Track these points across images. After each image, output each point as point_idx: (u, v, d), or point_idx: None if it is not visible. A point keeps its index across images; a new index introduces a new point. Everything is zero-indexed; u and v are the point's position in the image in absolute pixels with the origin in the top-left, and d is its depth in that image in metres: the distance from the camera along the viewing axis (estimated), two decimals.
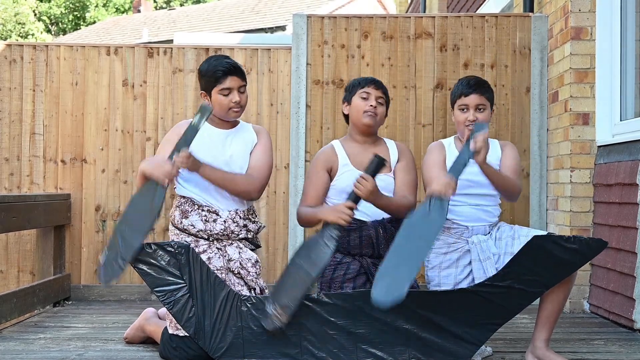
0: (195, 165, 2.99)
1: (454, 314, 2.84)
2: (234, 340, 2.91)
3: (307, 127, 4.66)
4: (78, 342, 3.44)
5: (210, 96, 3.13)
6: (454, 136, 3.30)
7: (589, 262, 3.42)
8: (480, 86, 3.17)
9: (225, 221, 3.08)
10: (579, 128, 4.15)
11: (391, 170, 3.19)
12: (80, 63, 4.77)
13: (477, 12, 6.95)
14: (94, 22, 25.47)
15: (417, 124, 4.66)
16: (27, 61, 4.75)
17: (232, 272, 3.07)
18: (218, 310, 2.92)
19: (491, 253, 3.04)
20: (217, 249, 3.08)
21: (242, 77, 3.15)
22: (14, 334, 3.61)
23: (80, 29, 24.98)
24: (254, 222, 3.18)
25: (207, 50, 4.76)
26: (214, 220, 3.07)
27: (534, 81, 4.61)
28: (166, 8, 26.00)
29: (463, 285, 3.07)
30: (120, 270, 2.87)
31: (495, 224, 3.16)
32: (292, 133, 4.66)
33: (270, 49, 4.81)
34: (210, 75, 3.11)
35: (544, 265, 2.78)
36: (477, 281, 3.02)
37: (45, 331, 3.69)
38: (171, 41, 11.38)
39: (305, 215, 3.13)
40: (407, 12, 13.86)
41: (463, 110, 3.15)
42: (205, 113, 3.03)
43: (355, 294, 2.89)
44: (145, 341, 3.34)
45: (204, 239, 3.08)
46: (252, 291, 3.08)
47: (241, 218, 3.12)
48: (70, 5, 26.48)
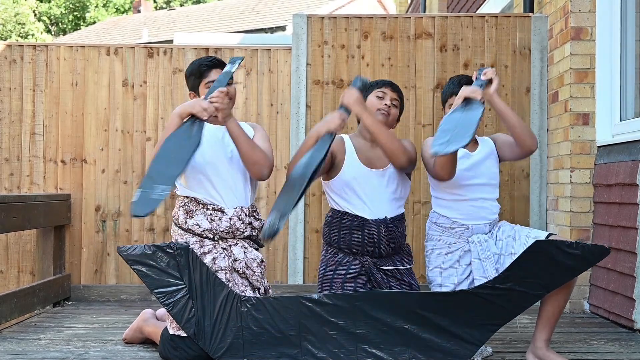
0: (228, 109, 2.99)
1: (454, 314, 2.85)
2: (234, 340, 2.91)
3: (307, 127, 4.66)
4: (78, 342, 3.44)
5: (198, 94, 3.16)
6: None
7: None
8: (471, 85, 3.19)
9: (230, 218, 3.08)
10: (579, 128, 4.15)
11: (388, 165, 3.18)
12: (80, 63, 4.77)
13: (477, 12, 6.95)
14: (94, 22, 25.47)
15: (417, 124, 4.66)
16: (27, 61, 4.75)
17: (237, 272, 3.07)
18: (218, 310, 2.92)
19: (491, 253, 3.05)
20: (222, 248, 3.08)
21: None
22: (14, 334, 3.61)
23: (80, 29, 24.99)
24: (258, 220, 3.18)
25: (207, 50, 4.76)
26: (219, 219, 3.07)
27: (534, 81, 4.61)
28: (166, 8, 26.01)
29: (464, 285, 3.07)
30: (156, 203, 2.72)
31: (495, 223, 3.16)
32: (292, 133, 4.66)
33: (270, 49, 4.81)
34: (195, 71, 3.16)
35: (546, 269, 2.78)
36: (476, 280, 3.03)
37: (45, 331, 3.69)
38: (171, 41, 11.39)
39: (296, 153, 3.09)
40: (407, 12, 13.86)
41: None
42: (237, 60, 3.09)
43: (356, 295, 2.89)
44: (145, 341, 3.34)
45: (209, 238, 3.08)
46: (256, 291, 3.08)
47: (246, 215, 3.12)
48: (70, 6, 26.49)
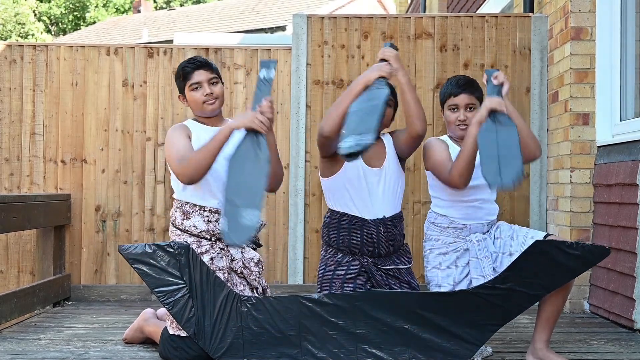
0: (273, 115, 2.95)
1: (454, 314, 2.84)
2: (234, 340, 2.91)
3: (307, 127, 4.66)
4: (78, 342, 3.44)
5: (186, 97, 3.16)
6: (446, 135, 3.30)
7: None
8: (470, 85, 3.18)
9: None
10: (579, 128, 4.15)
11: (385, 161, 3.18)
12: (80, 63, 4.77)
13: (477, 12, 6.95)
14: (94, 22, 25.47)
15: None
16: (27, 61, 4.75)
17: (235, 271, 3.07)
18: (218, 310, 2.92)
19: (489, 252, 3.05)
20: (220, 249, 3.08)
21: (210, 70, 3.14)
22: (14, 334, 3.61)
23: (80, 29, 24.99)
24: None
25: (207, 50, 4.76)
26: (216, 220, 3.07)
27: (534, 81, 4.61)
28: (166, 8, 26.01)
29: (463, 285, 3.07)
30: (253, 227, 2.70)
31: (494, 223, 3.16)
32: (292, 133, 4.66)
33: (270, 49, 4.81)
34: (180, 74, 3.15)
35: (546, 269, 2.78)
36: (473, 279, 3.04)
37: (45, 331, 3.69)
38: (171, 41, 11.38)
39: (333, 106, 2.98)
40: (407, 12, 13.85)
41: (453, 110, 3.17)
42: (270, 64, 2.99)
43: (356, 295, 2.89)
44: (145, 341, 3.34)
45: (206, 239, 3.08)
46: (254, 291, 3.08)
47: None
48: (70, 6, 26.49)
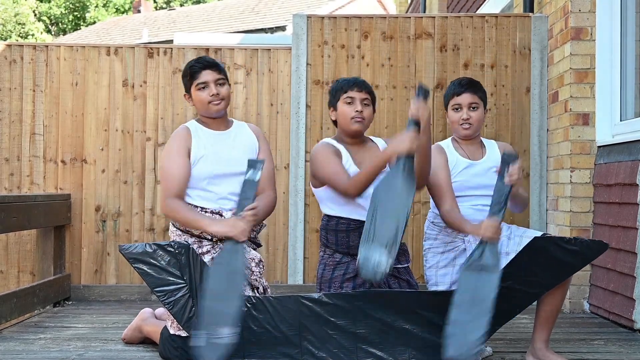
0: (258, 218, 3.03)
1: None
2: None
3: (307, 127, 4.66)
4: (78, 342, 3.44)
5: (192, 96, 3.16)
6: (450, 137, 3.30)
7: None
8: (473, 85, 3.19)
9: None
10: (579, 128, 4.15)
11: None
12: (80, 63, 4.77)
13: (477, 12, 6.95)
14: (94, 22, 25.46)
15: None
16: (27, 61, 4.75)
17: None
18: None
19: None
20: (221, 249, 3.07)
21: (218, 71, 3.16)
22: (14, 334, 3.61)
23: (80, 29, 24.98)
24: None
25: (207, 50, 4.76)
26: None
27: (534, 81, 4.61)
28: (166, 8, 26.00)
29: None
30: (228, 345, 2.66)
31: None
32: (292, 133, 4.66)
33: (270, 49, 4.81)
34: (187, 73, 3.16)
35: (545, 266, 2.78)
36: None
37: (45, 331, 3.69)
38: (171, 41, 11.37)
39: (363, 175, 2.93)
40: (407, 12, 13.86)
41: (456, 109, 3.17)
42: (257, 164, 3.02)
43: (356, 294, 2.89)
44: (144, 341, 3.34)
45: (207, 239, 3.08)
46: (255, 291, 3.08)
47: None
48: (70, 6, 26.48)
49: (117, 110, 4.75)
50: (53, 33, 26.22)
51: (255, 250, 3.19)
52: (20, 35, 23.82)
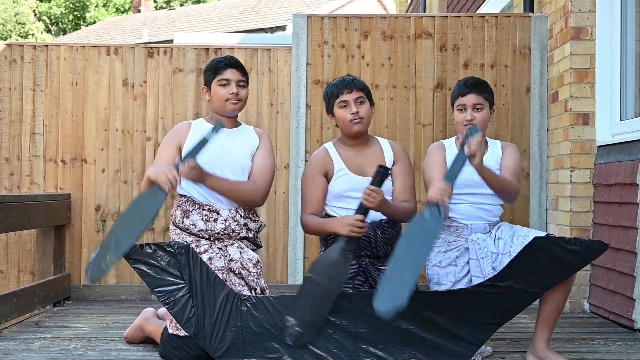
0: (199, 177, 2.98)
1: (454, 313, 2.84)
2: (234, 340, 2.91)
3: (307, 127, 4.66)
4: (78, 342, 3.44)
5: (210, 89, 3.17)
6: (454, 137, 3.30)
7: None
8: (478, 86, 3.18)
9: (225, 220, 3.08)
10: (579, 128, 4.15)
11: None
12: (80, 63, 4.77)
13: (477, 12, 6.95)
14: (94, 22, 25.46)
15: (417, 124, 4.66)
16: (27, 61, 4.75)
17: (233, 272, 3.07)
18: (218, 310, 2.92)
19: (489, 251, 3.05)
20: (219, 249, 3.08)
21: (242, 73, 3.18)
22: (14, 334, 3.61)
23: (80, 29, 24.98)
24: (254, 221, 3.18)
25: (207, 50, 4.76)
26: (214, 220, 3.08)
27: (534, 81, 4.61)
28: (166, 8, 25.99)
29: (462, 283, 3.07)
30: (104, 271, 2.79)
31: (496, 223, 3.16)
32: (292, 133, 4.66)
33: (270, 49, 4.81)
34: (212, 67, 3.17)
35: (545, 266, 2.78)
36: (473, 278, 3.04)
37: (45, 331, 3.69)
38: (171, 41, 11.37)
39: (312, 225, 3.12)
40: (407, 12, 13.85)
41: (461, 110, 3.17)
42: (217, 128, 3.05)
43: (355, 294, 2.89)
44: (145, 341, 3.34)
45: (205, 238, 3.08)
46: (252, 291, 3.08)
47: (242, 217, 3.12)
48: (70, 5, 26.47)
49: (117, 110, 4.75)
50: (53, 33, 26.22)
51: (254, 251, 3.19)
52: (20, 35, 23.81)
